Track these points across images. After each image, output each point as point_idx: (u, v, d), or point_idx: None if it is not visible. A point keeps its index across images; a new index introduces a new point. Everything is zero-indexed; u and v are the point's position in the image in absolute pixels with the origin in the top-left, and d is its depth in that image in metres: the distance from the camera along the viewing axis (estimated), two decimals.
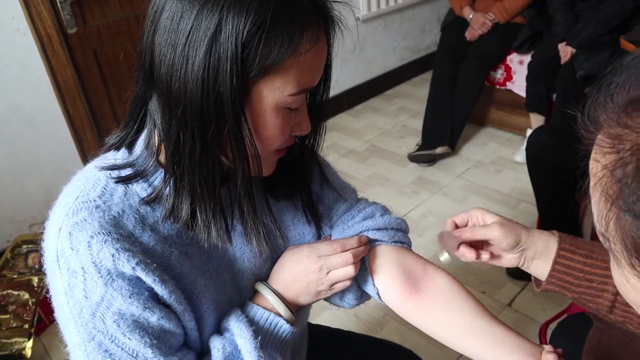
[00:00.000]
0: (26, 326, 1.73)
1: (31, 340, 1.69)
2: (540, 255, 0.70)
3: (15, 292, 1.84)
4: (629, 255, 0.34)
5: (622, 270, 0.37)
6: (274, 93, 0.54)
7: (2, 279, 1.86)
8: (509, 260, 0.72)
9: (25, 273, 1.89)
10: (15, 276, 1.89)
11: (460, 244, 0.73)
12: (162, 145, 0.58)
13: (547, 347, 0.63)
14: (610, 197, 0.34)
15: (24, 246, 1.96)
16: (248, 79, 0.52)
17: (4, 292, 1.82)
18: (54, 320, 0.59)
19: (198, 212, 0.58)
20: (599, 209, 0.36)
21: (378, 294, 0.73)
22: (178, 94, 0.52)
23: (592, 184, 0.37)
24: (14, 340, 1.71)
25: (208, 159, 0.55)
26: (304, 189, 0.73)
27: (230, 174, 0.59)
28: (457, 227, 0.75)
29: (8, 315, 1.76)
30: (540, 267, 0.71)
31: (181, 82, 0.51)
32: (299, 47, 0.52)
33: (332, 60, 0.61)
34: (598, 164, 0.36)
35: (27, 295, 1.82)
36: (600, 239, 0.36)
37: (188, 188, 0.57)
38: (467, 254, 0.72)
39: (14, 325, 1.74)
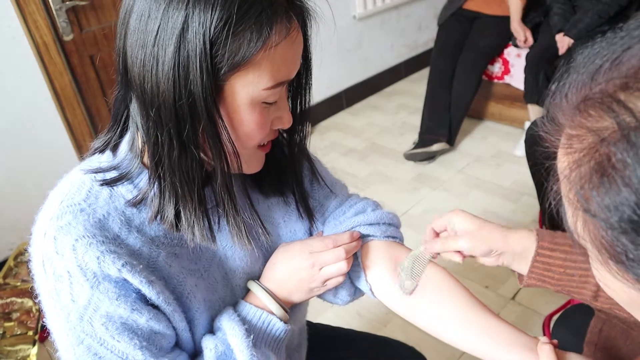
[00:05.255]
0: (30, 333, 1.74)
1: (36, 347, 1.70)
2: (519, 256, 0.69)
3: (19, 300, 1.85)
4: (599, 254, 0.34)
5: (596, 266, 0.37)
6: (248, 88, 0.53)
7: (6, 286, 1.87)
8: (488, 261, 0.72)
9: (29, 280, 1.89)
10: (19, 284, 1.90)
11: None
12: (145, 146, 0.58)
13: (543, 339, 0.63)
14: (572, 201, 0.34)
15: (27, 253, 1.97)
16: (219, 76, 0.51)
17: (8, 300, 1.83)
18: None
19: (182, 213, 0.58)
20: (566, 210, 0.36)
21: (371, 289, 0.72)
22: (151, 94, 0.52)
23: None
24: (18, 347, 1.72)
25: (187, 158, 0.54)
26: (295, 184, 0.72)
27: (213, 173, 0.58)
28: (436, 234, 0.74)
29: (12, 323, 1.77)
30: (521, 266, 0.70)
31: (153, 82, 0.51)
32: (269, 40, 0.51)
33: (311, 52, 0.61)
34: (559, 166, 0.36)
35: (30, 303, 1.83)
36: (574, 238, 0.36)
37: (170, 189, 0.56)
38: (453, 258, 0.72)
39: (19, 332, 1.75)
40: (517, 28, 2.45)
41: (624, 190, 0.29)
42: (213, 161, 0.56)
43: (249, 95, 0.54)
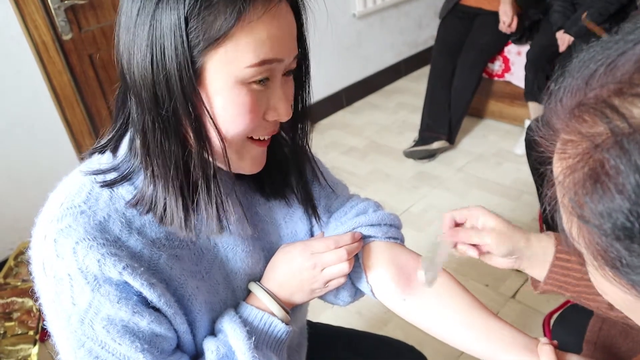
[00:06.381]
0: (31, 333, 1.74)
1: (37, 347, 1.70)
2: (537, 259, 0.68)
3: (20, 299, 1.85)
4: (594, 260, 0.34)
5: (591, 271, 0.37)
6: (229, 66, 0.52)
7: (6, 286, 1.87)
8: (502, 263, 0.70)
9: (29, 280, 1.89)
10: (19, 283, 1.90)
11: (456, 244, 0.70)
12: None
13: (543, 339, 0.63)
14: (566, 206, 0.34)
15: (27, 254, 1.97)
16: (195, 52, 0.51)
17: (9, 300, 1.83)
18: None
19: (167, 202, 0.57)
20: (561, 215, 0.36)
21: (372, 290, 0.72)
22: (135, 78, 0.52)
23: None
24: (19, 347, 1.72)
25: (169, 142, 0.54)
26: (300, 185, 0.72)
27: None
28: (456, 223, 0.72)
29: (13, 323, 1.77)
30: (537, 271, 0.69)
31: (134, 65, 0.52)
32: (245, 13, 0.50)
33: (308, 39, 0.60)
34: (554, 171, 0.36)
35: (31, 302, 1.83)
36: (569, 242, 0.36)
37: (158, 176, 0.56)
38: (469, 252, 0.69)
39: (19, 332, 1.75)
40: (507, 10, 2.41)
41: (617, 197, 0.29)
42: (197, 145, 0.55)
43: (231, 74, 0.52)
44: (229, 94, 0.53)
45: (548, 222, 1.85)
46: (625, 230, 0.30)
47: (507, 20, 2.43)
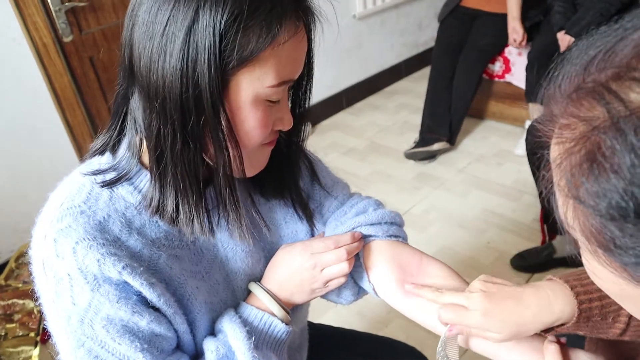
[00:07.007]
0: (32, 334, 1.74)
1: (37, 349, 1.70)
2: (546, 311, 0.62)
3: (21, 301, 1.85)
4: (588, 243, 0.34)
5: (585, 256, 0.37)
6: (254, 85, 0.53)
7: (7, 288, 1.88)
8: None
9: (30, 282, 1.89)
10: (20, 285, 1.90)
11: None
12: (144, 144, 0.58)
13: (550, 337, 0.62)
14: (562, 189, 0.34)
15: (27, 255, 1.97)
16: (227, 70, 0.51)
17: (10, 302, 1.83)
18: None
19: (181, 206, 0.57)
20: (557, 199, 0.36)
21: (374, 289, 0.72)
22: (157, 86, 0.52)
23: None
24: (20, 349, 1.72)
25: (189, 151, 0.54)
26: (292, 185, 0.72)
27: (214, 170, 0.58)
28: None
29: (14, 324, 1.78)
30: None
31: (159, 74, 0.51)
32: (278, 37, 0.51)
33: (314, 55, 0.61)
34: (551, 155, 0.36)
35: (32, 304, 1.83)
36: (565, 227, 0.36)
37: (172, 182, 0.56)
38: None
39: (20, 334, 1.75)
40: (517, 27, 2.43)
41: (613, 177, 0.30)
42: (215, 156, 0.56)
43: (253, 92, 0.54)
44: (249, 109, 0.55)
45: (548, 222, 1.84)
46: (619, 210, 0.30)
47: (518, 38, 2.43)
